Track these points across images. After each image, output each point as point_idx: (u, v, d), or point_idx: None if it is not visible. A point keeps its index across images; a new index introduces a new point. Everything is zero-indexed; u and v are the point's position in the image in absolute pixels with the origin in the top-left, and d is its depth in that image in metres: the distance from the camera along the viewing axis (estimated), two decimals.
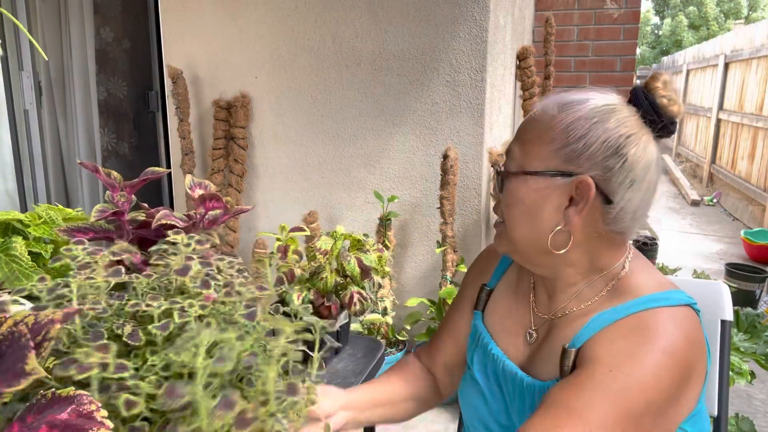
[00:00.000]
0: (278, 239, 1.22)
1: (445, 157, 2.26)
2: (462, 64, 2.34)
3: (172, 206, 3.09)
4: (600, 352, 0.73)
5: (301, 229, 1.22)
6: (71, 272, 0.65)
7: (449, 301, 2.33)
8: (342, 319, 1.23)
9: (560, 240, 0.79)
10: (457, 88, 2.36)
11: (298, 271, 1.21)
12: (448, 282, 2.37)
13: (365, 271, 1.20)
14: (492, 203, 2.59)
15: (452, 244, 2.36)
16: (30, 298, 0.85)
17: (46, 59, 2.94)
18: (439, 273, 2.43)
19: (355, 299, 1.18)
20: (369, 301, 1.21)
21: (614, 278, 0.81)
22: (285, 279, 1.18)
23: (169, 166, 3.04)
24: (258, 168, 2.76)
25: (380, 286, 1.28)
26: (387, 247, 2.44)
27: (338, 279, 1.21)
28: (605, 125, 0.75)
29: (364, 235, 2.44)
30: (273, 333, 0.72)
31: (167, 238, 0.70)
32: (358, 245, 1.27)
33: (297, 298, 1.13)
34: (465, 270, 2.39)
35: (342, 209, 2.65)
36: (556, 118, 0.77)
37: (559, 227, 0.78)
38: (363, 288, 1.22)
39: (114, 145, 3.15)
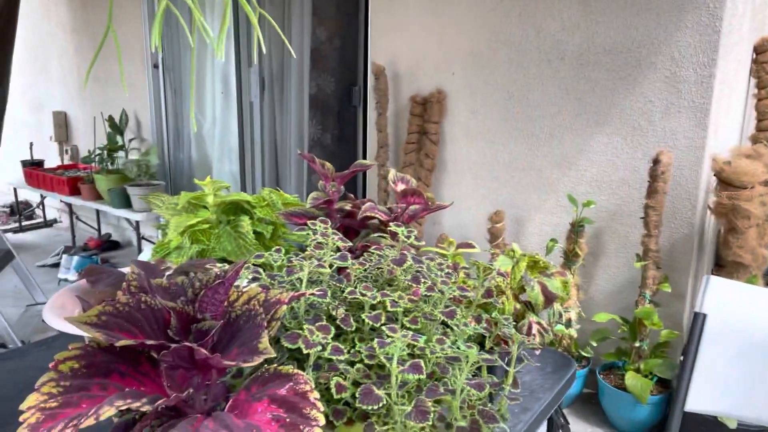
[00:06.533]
0: (442, 253, 1.10)
1: (656, 161, 2.02)
2: (686, 57, 2.07)
3: (363, 196, 3.28)
4: None
5: (469, 246, 1.10)
6: (295, 251, 0.70)
7: (646, 323, 2.09)
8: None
9: None
10: (678, 85, 2.09)
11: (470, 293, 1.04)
12: (647, 301, 2.13)
13: (549, 299, 1.05)
14: (710, 217, 2.26)
15: (656, 259, 2.11)
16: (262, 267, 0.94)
17: (264, 52, 3.30)
18: (637, 290, 2.19)
19: (534, 330, 1.03)
20: (549, 333, 1.06)
21: None
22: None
23: (365, 158, 3.22)
24: (447, 163, 2.77)
25: (560, 315, 1.13)
26: (577, 255, 2.28)
27: (516, 306, 1.06)
28: None
29: (552, 240, 2.31)
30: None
31: (389, 227, 0.71)
32: (537, 267, 1.12)
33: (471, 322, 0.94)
34: (668, 289, 2.13)
35: (530, 211, 2.54)
36: None
37: None
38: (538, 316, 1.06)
39: (319, 136, 3.44)
